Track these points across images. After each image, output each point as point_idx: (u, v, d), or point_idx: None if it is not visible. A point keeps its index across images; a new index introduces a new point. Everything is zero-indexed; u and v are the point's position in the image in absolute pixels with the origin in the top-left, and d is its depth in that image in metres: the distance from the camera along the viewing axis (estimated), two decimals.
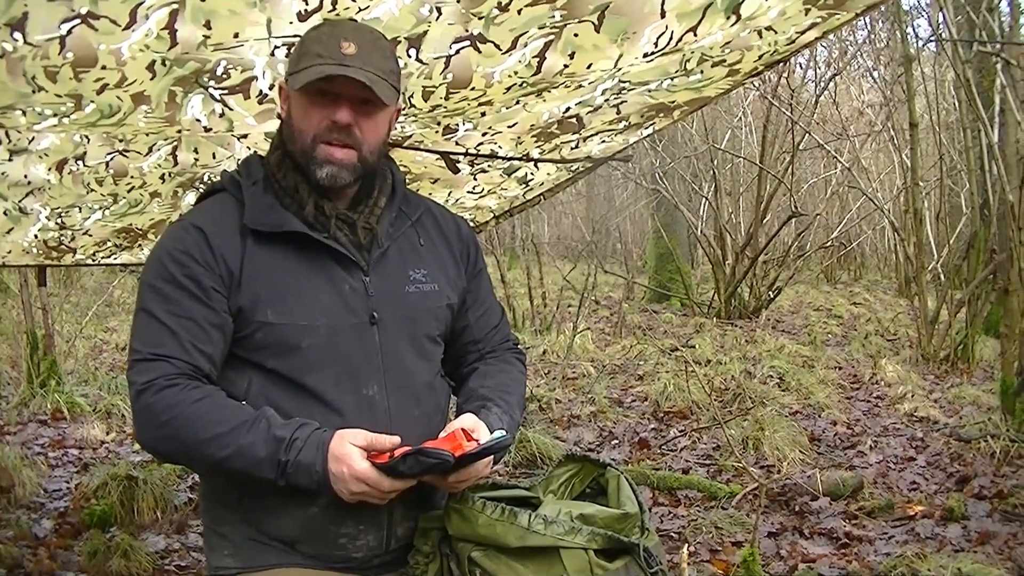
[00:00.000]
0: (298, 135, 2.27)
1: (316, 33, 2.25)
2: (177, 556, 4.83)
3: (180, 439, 2.12)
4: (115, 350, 11.58)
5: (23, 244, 4.18)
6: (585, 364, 10.34)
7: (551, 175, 4.56)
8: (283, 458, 2.08)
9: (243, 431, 2.10)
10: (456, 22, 2.64)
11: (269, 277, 2.25)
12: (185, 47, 2.44)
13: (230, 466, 2.11)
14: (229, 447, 2.09)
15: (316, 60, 2.18)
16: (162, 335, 2.18)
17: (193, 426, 2.11)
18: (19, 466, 5.77)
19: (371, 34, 2.28)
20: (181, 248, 2.24)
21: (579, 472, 2.44)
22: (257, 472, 2.10)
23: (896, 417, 7.80)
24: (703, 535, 5.02)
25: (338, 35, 2.20)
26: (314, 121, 2.24)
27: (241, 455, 2.09)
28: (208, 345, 2.21)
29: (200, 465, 2.24)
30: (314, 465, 2.08)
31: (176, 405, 2.11)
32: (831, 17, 3.10)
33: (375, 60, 2.21)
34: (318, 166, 2.25)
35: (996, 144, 9.06)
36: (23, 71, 2.35)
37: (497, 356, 2.65)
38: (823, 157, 20.51)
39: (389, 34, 2.44)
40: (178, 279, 2.21)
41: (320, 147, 2.24)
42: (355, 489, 2.08)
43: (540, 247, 17.11)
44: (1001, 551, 4.66)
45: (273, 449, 2.09)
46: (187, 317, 2.19)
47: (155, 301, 2.21)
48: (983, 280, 9.82)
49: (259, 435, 2.10)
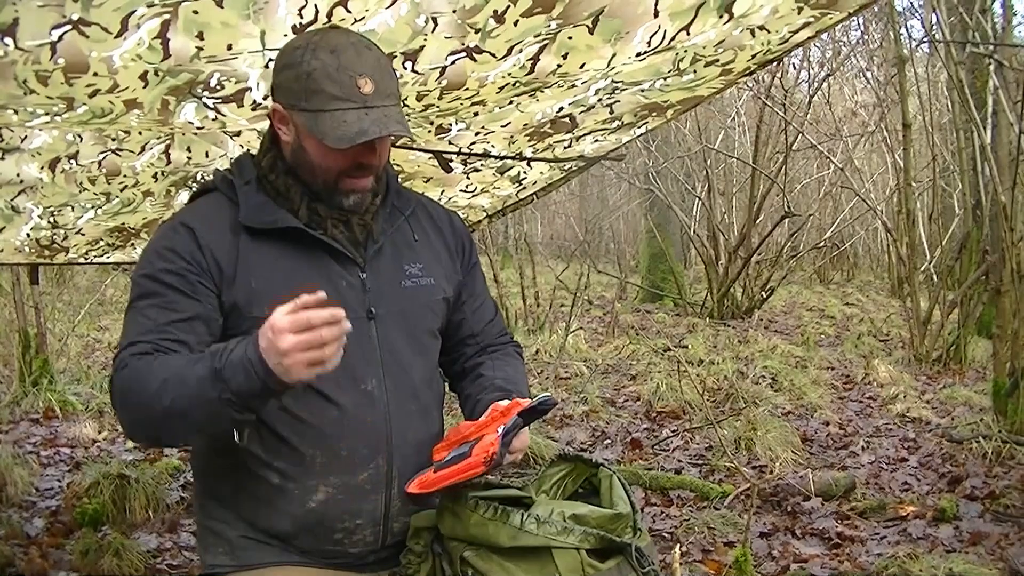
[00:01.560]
0: (319, 171, 2.25)
1: (322, 65, 2.15)
2: (169, 555, 4.83)
3: (140, 403, 2.05)
4: (108, 349, 11.56)
5: (15, 243, 4.17)
6: (578, 364, 10.34)
7: (544, 174, 4.56)
8: (217, 365, 1.97)
9: (187, 368, 2.03)
10: (452, 35, 2.64)
11: (264, 274, 2.25)
12: (178, 59, 2.43)
13: (181, 405, 2.00)
14: (175, 388, 2.00)
15: (335, 105, 2.14)
16: (142, 326, 2.17)
17: (144, 381, 2.04)
18: (11, 465, 5.76)
19: (373, 54, 2.22)
20: (168, 246, 2.24)
21: (572, 472, 2.44)
22: (203, 397, 1.98)
23: (888, 418, 7.81)
24: (695, 535, 5.02)
25: (348, 67, 2.14)
26: (339, 162, 2.23)
27: (185, 388, 1.99)
28: (187, 333, 2.17)
29: (163, 425, 2.07)
30: (245, 354, 1.95)
31: (134, 372, 2.07)
32: (824, 16, 3.10)
33: (390, 88, 2.20)
34: (344, 197, 2.28)
35: (989, 145, 9.09)
36: (14, 75, 2.34)
37: (500, 350, 2.66)
38: (816, 157, 20.53)
39: (385, 48, 2.42)
40: (162, 277, 2.20)
41: (346, 180, 2.26)
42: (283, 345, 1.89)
43: (533, 246, 17.12)
44: (993, 552, 4.66)
45: (208, 365, 1.99)
46: (170, 309, 2.18)
47: (141, 296, 2.21)
48: (975, 281, 9.84)
49: (198, 362, 2.02)
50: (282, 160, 2.31)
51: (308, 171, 2.27)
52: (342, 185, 2.26)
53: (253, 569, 2.31)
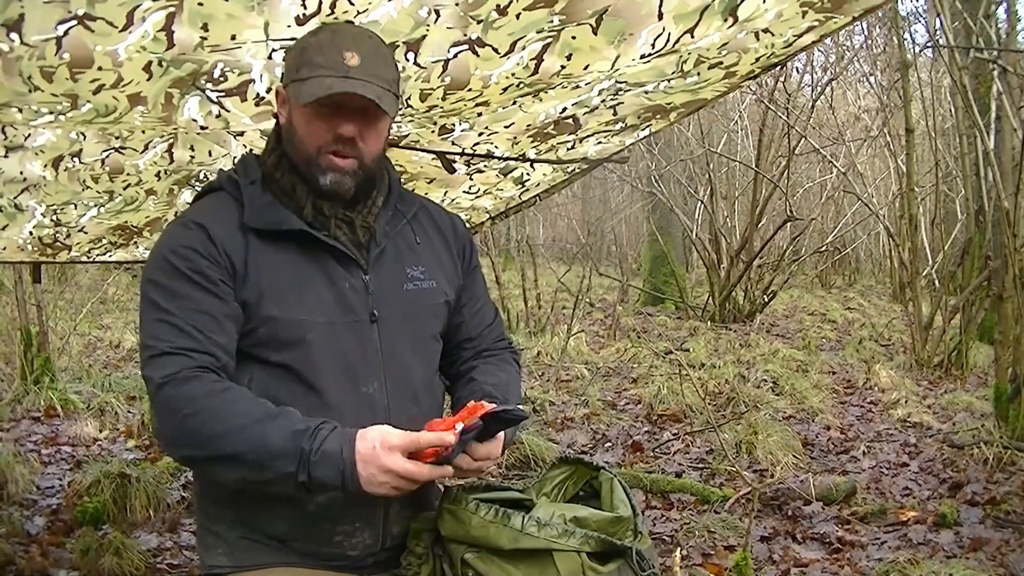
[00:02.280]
0: (301, 145, 2.27)
1: (316, 40, 2.22)
2: (169, 554, 4.83)
3: (201, 433, 2.06)
4: (109, 347, 11.58)
5: (18, 241, 4.17)
6: (579, 366, 10.34)
7: (547, 176, 4.56)
8: (306, 446, 2.01)
9: (267, 423, 2.05)
10: (455, 26, 2.64)
11: (271, 273, 2.25)
12: (182, 48, 2.44)
13: (250, 459, 2.03)
14: (250, 440, 2.03)
15: (319, 72, 2.17)
16: (176, 330, 2.15)
17: (215, 418, 2.05)
18: (12, 463, 5.76)
19: (371, 40, 2.26)
20: (184, 243, 2.22)
21: (572, 475, 2.44)
22: (277, 465, 2.02)
23: (889, 423, 7.81)
24: (696, 539, 5.02)
25: (340, 44, 2.19)
26: (319, 133, 2.24)
27: (263, 446, 2.02)
28: (222, 336, 2.19)
29: (217, 462, 2.10)
30: (340, 452, 2.01)
31: (198, 398, 2.07)
32: (828, 20, 3.10)
33: (378, 70, 2.21)
34: (322, 174, 2.26)
35: (992, 150, 9.08)
36: (19, 71, 2.35)
37: (495, 355, 2.65)
38: (819, 162, 20.55)
39: (388, 38, 2.44)
40: (185, 273, 2.19)
41: (324, 157, 2.25)
42: (391, 464, 1.99)
43: (535, 249, 17.10)
44: (993, 557, 4.66)
45: (296, 439, 2.02)
46: (199, 310, 2.17)
47: (164, 297, 2.18)
48: (977, 286, 9.84)
49: (282, 426, 2.05)
50: (287, 158, 2.31)
51: (294, 147, 2.29)
52: (322, 160, 2.25)
53: (252, 570, 2.30)
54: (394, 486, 2.02)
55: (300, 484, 2.03)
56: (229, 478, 2.15)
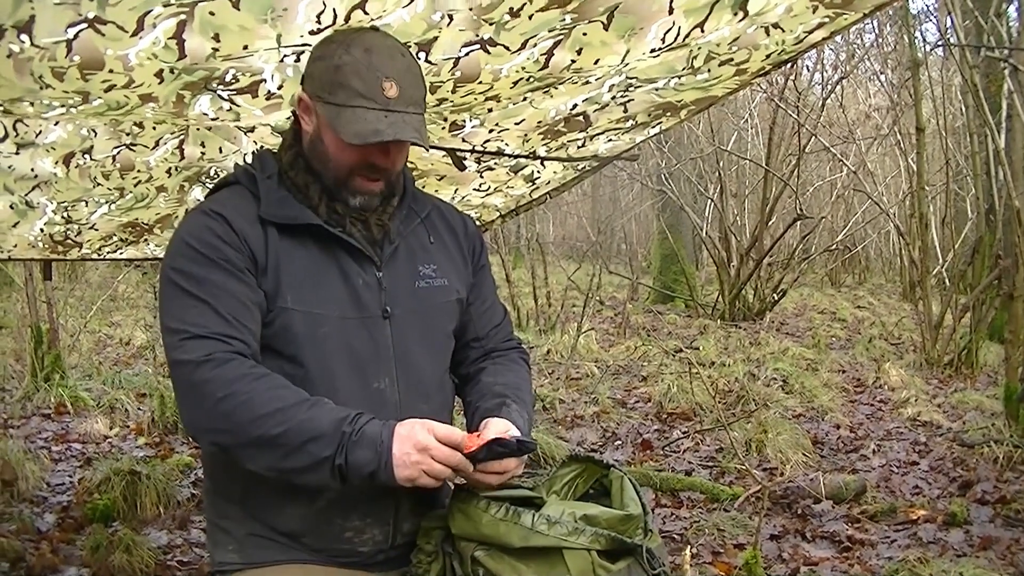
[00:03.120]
0: (332, 164, 2.27)
1: (352, 60, 2.18)
2: (179, 552, 4.83)
3: (236, 415, 2.05)
4: (119, 345, 11.61)
5: (29, 238, 4.17)
6: (589, 364, 10.33)
7: (557, 174, 4.56)
8: (347, 429, 2.04)
9: (304, 407, 2.06)
10: (467, 28, 2.64)
11: (288, 266, 2.25)
12: (194, 59, 2.44)
13: (287, 442, 2.03)
14: (288, 422, 2.03)
15: (358, 102, 2.16)
16: (207, 314, 2.14)
17: (253, 401, 2.05)
18: (22, 460, 5.77)
19: (404, 60, 2.23)
20: (207, 230, 2.22)
21: (583, 473, 2.44)
22: (315, 448, 2.03)
23: (899, 421, 7.79)
24: (705, 537, 5.01)
25: (376, 68, 2.17)
26: (352, 160, 2.24)
27: (300, 429, 2.03)
28: (251, 323, 2.18)
29: (250, 446, 2.09)
30: (380, 434, 2.04)
31: (236, 380, 2.07)
32: (839, 17, 3.09)
33: (414, 96, 2.22)
34: (351, 195, 2.28)
35: (1003, 149, 9.06)
36: (30, 71, 2.35)
37: (504, 355, 2.65)
38: (829, 160, 20.55)
39: (400, 39, 2.43)
40: (213, 259, 2.18)
41: (357, 179, 2.27)
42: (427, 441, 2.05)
43: (545, 247, 17.12)
44: (1003, 556, 4.65)
45: (337, 423, 2.05)
46: (228, 295, 2.16)
47: (193, 283, 2.17)
48: (988, 285, 9.81)
49: (321, 411, 2.07)
50: (303, 157, 2.32)
51: (322, 163, 2.28)
52: (352, 184, 2.27)
53: (262, 567, 2.31)
54: (425, 469, 2.04)
55: (335, 468, 2.04)
56: (259, 464, 2.12)
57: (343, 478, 2.06)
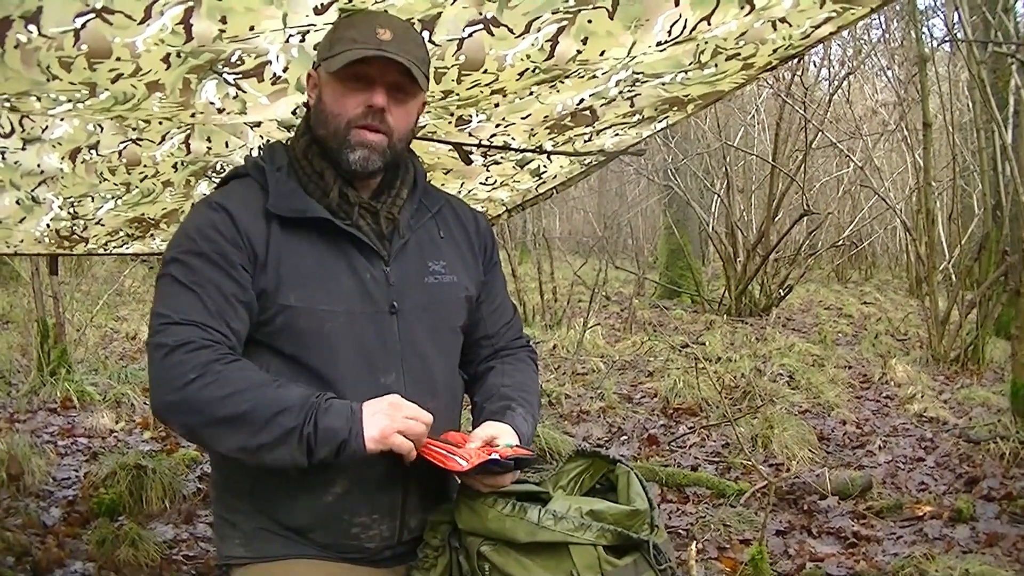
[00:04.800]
0: (331, 119, 2.27)
1: (349, 20, 2.27)
2: (185, 546, 4.84)
3: (204, 394, 2.04)
4: (125, 339, 11.62)
5: (35, 233, 4.18)
6: (595, 360, 10.34)
7: (564, 168, 4.56)
8: (315, 400, 2.05)
9: (272, 386, 2.08)
10: (470, 5, 2.64)
11: (292, 261, 2.25)
12: (201, 41, 2.44)
13: (253, 417, 2.03)
14: (256, 399, 2.04)
15: (352, 44, 2.20)
16: (194, 304, 2.15)
17: (221, 382, 2.05)
18: (28, 454, 5.79)
19: (403, 22, 2.31)
20: (209, 224, 2.23)
21: (589, 468, 2.43)
22: (283, 419, 2.03)
23: (905, 417, 7.79)
24: (711, 532, 5.02)
25: (373, 22, 2.23)
26: (349, 105, 2.25)
27: (268, 404, 2.03)
28: (235, 320, 2.19)
29: (216, 426, 2.07)
30: (349, 404, 2.08)
31: (208, 363, 2.07)
32: (845, 12, 3.08)
33: (410, 47, 2.24)
34: (351, 149, 2.27)
35: (1010, 145, 9.06)
36: (37, 61, 2.35)
37: (513, 355, 2.64)
38: (836, 156, 20.52)
39: (403, 16, 2.44)
40: (206, 253, 2.19)
41: (354, 131, 2.26)
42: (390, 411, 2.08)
43: (551, 242, 17.13)
44: (1009, 553, 4.65)
45: (305, 396, 2.07)
46: (216, 289, 2.17)
47: (184, 272, 2.18)
48: (994, 281, 9.80)
49: (290, 389, 2.09)
50: (317, 143, 2.32)
51: (324, 125, 2.29)
52: (351, 137, 2.26)
53: (269, 561, 2.31)
54: (399, 428, 2.07)
55: (303, 438, 2.03)
56: (228, 445, 2.10)
57: (310, 451, 2.04)
